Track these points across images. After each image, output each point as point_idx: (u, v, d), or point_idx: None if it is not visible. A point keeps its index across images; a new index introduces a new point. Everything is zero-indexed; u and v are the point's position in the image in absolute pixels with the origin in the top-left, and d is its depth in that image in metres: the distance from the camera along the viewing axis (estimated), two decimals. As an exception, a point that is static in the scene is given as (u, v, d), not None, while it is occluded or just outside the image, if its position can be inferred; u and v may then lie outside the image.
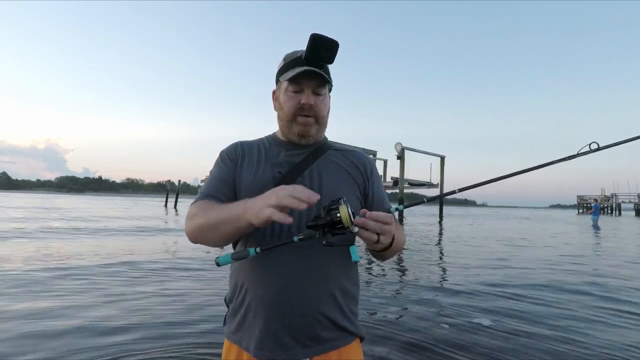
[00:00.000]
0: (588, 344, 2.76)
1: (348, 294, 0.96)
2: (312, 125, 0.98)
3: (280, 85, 0.99)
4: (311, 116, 0.97)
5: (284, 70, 0.96)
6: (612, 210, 52.47)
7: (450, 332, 2.95)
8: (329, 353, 0.91)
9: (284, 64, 0.96)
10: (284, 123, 1.00)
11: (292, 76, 0.92)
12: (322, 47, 0.90)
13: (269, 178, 0.96)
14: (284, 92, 0.97)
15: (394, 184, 17.00)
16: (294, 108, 0.95)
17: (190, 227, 0.90)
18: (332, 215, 0.74)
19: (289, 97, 0.96)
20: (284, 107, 0.97)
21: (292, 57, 0.95)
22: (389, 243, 0.85)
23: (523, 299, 4.02)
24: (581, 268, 6.15)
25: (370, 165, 1.07)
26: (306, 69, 0.91)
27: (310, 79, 0.94)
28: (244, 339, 0.92)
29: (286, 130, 1.00)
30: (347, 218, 0.72)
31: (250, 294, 0.92)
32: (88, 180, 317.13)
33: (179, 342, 2.63)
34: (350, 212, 0.73)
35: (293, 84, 0.94)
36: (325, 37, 0.89)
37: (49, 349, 2.45)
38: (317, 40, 0.89)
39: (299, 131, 0.98)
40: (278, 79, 1.00)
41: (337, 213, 0.73)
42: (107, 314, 3.18)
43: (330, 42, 0.90)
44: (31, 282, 4.19)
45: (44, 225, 11.28)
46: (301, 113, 0.96)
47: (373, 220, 0.77)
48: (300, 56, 0.93)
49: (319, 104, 0.96)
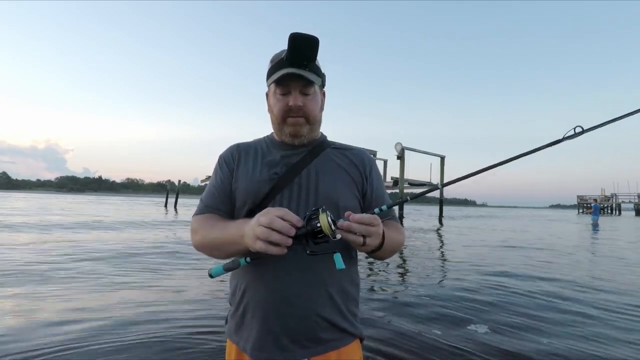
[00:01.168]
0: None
1: (347, 295, 0.96)
2: (302, 125, 0.97)
3: (270, 88, 0.99)
4: (301, 116, 0.96)
5: (271, 73, 0.95)
6: (612, 210, 52.55)
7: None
8: (328, 353, 0.91)
9: (271, 66, 0.96)
10: (275, 125, 1.00)
11: (276, 79, 0.92)
12: (301, 46, 0.88)
13: (265, 179, 0.96)
14: (272, 94, 0.97)
15: (394, 184, 17.01)
16: (283, 110, 0.95)
17: (195, 243, 0.95)
18: (312, 225, 0.74)
19: (277, 99, 0.96)
20: (274, 110, 0.97)
21: (276, 59, 0.94)
22: (379, 244, 0.84)
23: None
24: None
25: (370, 163, 1.06)
26: (288, 71, 0.90)
27: (295, 80, 0.93)
28: (242, 340, 0.93)
29: (279, 132, 1.00)
30: (327, 226, 0.72)
31: (248, 295, 0.93)
32: (88, 180, 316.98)
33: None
34: (330, 220, 0.73)
35: (280, 86, 0.94)
36: (303, 35, 0.87)
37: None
38: (296, 39, 0.87)
39: (290, 132, 0.98)
40: (267, 81, 0.99)
41: (317, 222, 0.73)
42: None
43: (309, 40, 0.87)
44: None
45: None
46: (290, 114, 0.95)
47: (357, 223, 0.77)
48: (282, 58, 0.91)
49: (307, 104, 0.95)
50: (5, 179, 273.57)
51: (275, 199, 0.94)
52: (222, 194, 1.00)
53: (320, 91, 1.00)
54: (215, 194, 1.00)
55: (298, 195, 0.94)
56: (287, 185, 0.95)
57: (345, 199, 0.96)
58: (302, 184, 0.96)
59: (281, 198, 0.94)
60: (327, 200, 0.93)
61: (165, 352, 2.46)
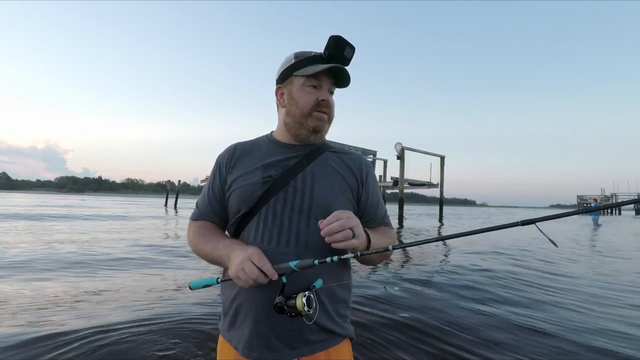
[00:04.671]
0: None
1: (337, 298, 0.97)
2: (325, 122, 0.99)
3: (292, 81, 0.98)
4: (326, 113, 0.98)
5: (301, 67, 0.96)
6: (612, 210, 52.51)
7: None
8: (316, 354, 0.92)
9: (298, 60, 0.96)
10: (295, 119, 0.99)
11: (317, 71, 0.94)
12: (344, 49, 0.93)
13: (258, 182, 0.96)
14: (299, 87, 0.97)
15: (394, 184, 16.98)
16: (312, 103, 0.96)
17: (192, 249, 1.02)
18: (289, 306, 0.81)
19: (306, 92, 0.96)
20: (299, 102, 0.97)
21: (307, 55, 0.96)
22: (366, 240, 0.88)
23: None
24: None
25: (367, 169, 1.06)
26: (334, 65, 0.93)
27: (329, 77, 0.96)
28: (234, 338, 0.95)
29: (297, 125, 0.99)
30: (301, 308, 0.79)
31: (240, 296, 0.95)
32: (88, 180, 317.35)
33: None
34: (304, 302, 0.79)
35: (312, 79, 0.95)
36: (346, 40, 0.93)
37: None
38: (341, 41, 0.92)
39: (314, 126, 0.98)
40: (291, 73, 0.98)
41: (293, 303, 0.80)
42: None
43: (351, 45, 0.94)
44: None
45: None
46: (318, 108, 0.97)
47: (332, 229, 0.81)
48: (320, 55, 0.95)
49: (332, 103, 0.99)
50: (4, 179, 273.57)
51: (269, 203, 0.95)
52: (215, 203, 1.03)
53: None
54: (209, 202, 1.03)
55: (293, 199, 0.95)
56: (282, 189, 0.96)
57: (339, 205, 0.96)
58: (298, 187, 0.96)
59: (275, 201, 0.95)
60: (321, 205, 0.95)
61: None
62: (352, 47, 0.94)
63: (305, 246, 0.91)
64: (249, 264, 0.82)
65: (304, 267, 0.83)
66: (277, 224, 0.93)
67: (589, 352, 2.60)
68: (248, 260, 0.83)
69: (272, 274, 0.82)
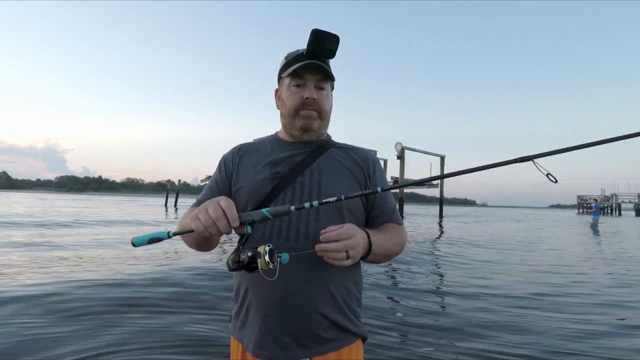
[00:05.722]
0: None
1: (349, 293, 0.96)
2: (314, 119, 0.97)
3: (282, 82, 1.00)
4: (314, 110, 0.96)
5: (286, 67, 0.96)
6: (612, 210, 52.42)
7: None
8: (328, 354, 0.90)
9: (286, 61, 0.97)
10: (286, 119, 1.00)
11: (295, 69, 0.93)
12: (323, 41, 0.90)
13: (266, 179, 0.96)
14: (286, 88, 0.97)
15: (394, 183, 16.98)
16: (297, 102, 0.95)
17: (182, 240, 0.95)
18: (251, 257, 0.75)
19: (291, 92, 0.96)
20: (287, 103, 0.97)
21: (293, 55, 0.96)
22: (366, 253, 0.86)
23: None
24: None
25: (373, 163, 1.06)
26: (308, 61, 0.92)
27: (312, 73, 0.94)
28: (245, 338, 0.93)
29: (289, 126, 1.00)
30: (264, 265, 0.74)
31: (250, 294, 0.93)
32: (88, 179, 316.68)
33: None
34: (267, 250, 0.75)
35: (295, 78, 0.95)
36: (325, 32, 0.90)
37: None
38: (318, 34, 0.89)
39: (302, 125, 0.97)
40: (280, 76, 1.00)
41: (257, 258, 0.74)
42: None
43: (331, 36, 0.90)
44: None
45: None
46: (304, 107, 0.96)
47: (331, 241, 0.79)
48: (302, 52, 0.93)
49: (321, 99, 0.96)
50: (5, 178, 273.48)
51: (277, 199, 0.94)
52: (217, 194, 1.00)
53: (331, 91, 1.01)
54: (211, 194, 1.01)
55: (301, 194, 0.94)
56: (290, 185, 0.95)
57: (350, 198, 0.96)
58: (305, 183, 0.95)
59: (284, 197, 0.94)
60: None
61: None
62: (334, 37, 0.91)
63: (315, 241, 0.90)
64: (213, 204, 0.75)
65: (277, 214, 0.78)
66: (286, 220, 0.91)
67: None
68: (215, 202, 0.75)
69: (234, 220, 0.74)
